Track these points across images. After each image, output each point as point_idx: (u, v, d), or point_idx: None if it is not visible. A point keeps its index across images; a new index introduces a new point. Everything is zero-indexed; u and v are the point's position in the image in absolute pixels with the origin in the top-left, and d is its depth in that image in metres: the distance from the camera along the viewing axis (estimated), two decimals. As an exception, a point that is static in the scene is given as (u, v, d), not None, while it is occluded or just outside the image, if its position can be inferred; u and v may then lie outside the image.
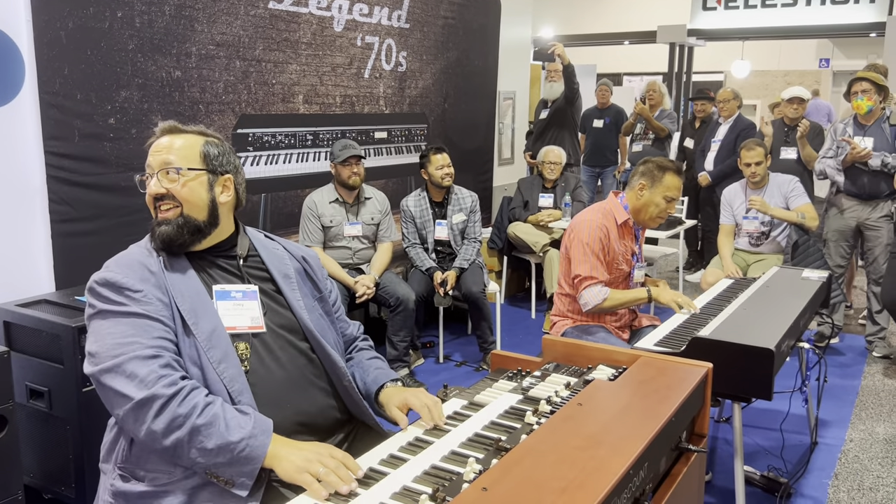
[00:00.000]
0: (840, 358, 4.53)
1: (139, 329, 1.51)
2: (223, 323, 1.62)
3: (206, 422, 1.45)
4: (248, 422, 1.49)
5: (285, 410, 1.64)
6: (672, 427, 1.62)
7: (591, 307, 2.96)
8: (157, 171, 1.67)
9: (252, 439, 1.46)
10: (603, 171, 7.11)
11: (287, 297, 1.76)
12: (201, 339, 1.57)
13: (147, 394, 1.44)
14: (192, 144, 1.71)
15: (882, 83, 4.30)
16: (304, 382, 1.70)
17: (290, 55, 3.98)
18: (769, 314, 2.68)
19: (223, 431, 1.45)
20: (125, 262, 1.62)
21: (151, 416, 1.44)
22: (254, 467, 1.45)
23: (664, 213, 3.01)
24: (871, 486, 3.01)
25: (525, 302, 5.59)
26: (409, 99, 4.96)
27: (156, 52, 3.27)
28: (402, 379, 3.91)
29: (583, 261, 2.94)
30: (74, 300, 2.73)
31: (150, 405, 1.44)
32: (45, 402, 2.57)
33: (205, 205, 1.68)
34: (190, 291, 1.62)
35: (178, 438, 1.44)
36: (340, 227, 3.92)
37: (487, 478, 1.29)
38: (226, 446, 1.44)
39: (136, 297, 1.54)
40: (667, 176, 2.95)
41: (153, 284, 1.58)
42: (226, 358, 1.58)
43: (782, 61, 14.07)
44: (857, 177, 4.37)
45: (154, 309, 1.55)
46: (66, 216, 2.97)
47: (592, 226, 2.96)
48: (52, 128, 2.89)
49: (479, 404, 1.77)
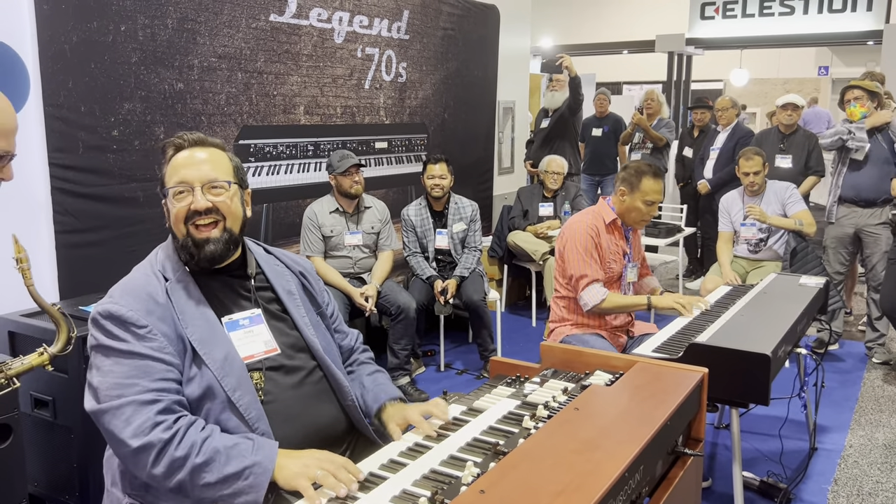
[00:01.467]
0: (840, 364, 4.54)
1: (140, 370, 1.49)
2: (239, 353, 1.62)
3: (206, 459, 1.45)
4: (248, 449, 1.48)
5: (297, 425, 1.66)
6: (668, 431, 1.64)
7: (590, 307, 3.02)
8: (200, 185, 1.61)
9: (255, 467, 1.45)
10: (602, 179, 7.14)
11: (293, 316, 1.77)
12: (215, 369, 1.56)
13: (143, 442, 1.44)
14: (222, 158, 1.69)
15: (874, 89, 4.34)
16: (315, 398, 1.72)
17: (291, 67, 4.02)
18: (766, 320, 2.70)
19: (223, 466, 1.44)
20: (131, 292, 1.58)
21: (150, 462, 1.44)
22: (258, 495, 1.44)
23: (647, 217, 3.08)
24: (871, 491, 3.02)
25: (525, 310, 5.62)
26: (410, 109, 5.00)
27: (158, 65, 3.31)
28: (404, 387, 3.95)
29: (577, 261, 3.01)
30: (79, 310, 2.75)
31: (148, 452, 1.44)
32: (49, 412, 2.59)
33: (241, 219, 1.69)
34: (200, 320, 1.60)
35: (180, 480, 1.44)
36: (341, 236, 3.95)
37: (485, 481, 1.32)
38: (227, 479, 1.44)
39: (140, 332, 1.52)
40: (644, 180, 3.01)
41: (158, 317, 1.55)
42: (240, 385, 1.58)
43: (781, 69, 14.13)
44: (855, 183, 4.40)
45: (158, 346, 1.53)
46: (70, 227, 3.00)
47: (583, 226, 3.05)
48: (56, 140, 2.93)
49: (477, 410, 1.80)
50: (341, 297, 3.83)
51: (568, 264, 3.06)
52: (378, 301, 3.91)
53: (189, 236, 1.62)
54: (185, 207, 1.61)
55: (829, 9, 9.64)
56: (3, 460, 2.27)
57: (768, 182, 4.42)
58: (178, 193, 1.62)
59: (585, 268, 3.00)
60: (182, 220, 1.62)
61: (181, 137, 1.67)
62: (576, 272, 3.02)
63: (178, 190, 1.62)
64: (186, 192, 1.62)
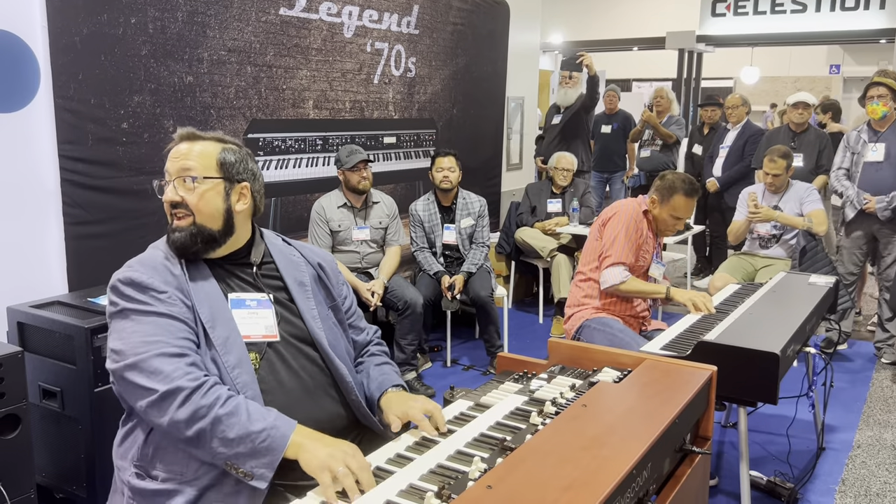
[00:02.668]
0: (848, 364, 4.52)
1: (164, 329, 1.54)
2: (239, 331, 1.65)
3: (229, 411, 1.47)
4: (270, 414, 1.51)
5: (295, 418, 1.63)
6: (676, 429, 1.63)
7: (607, 286, 3.05)
8: (174, 179, 1.68)
9: (274, 430, 1.48)
10: (611, 176, 7.12)
11: (299, 306, 1.77)
12: (217, 345, 1.60)
13: (171, 386, 1.47)
14: (210, 152, 1.72)
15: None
16: (315, 391, 1.72)
17: (300, 61, 4.02)
18: (775, 319, 2.69)
19: (245, 421, 1.47)
20: (149, 263, 1.64)
21: (175, 406, 1.47)
22: (273, 458, 1.46)
23: (672, 230, 3.15)
24: (879, 491, 3.01)
25: (532, 307, 5.61)
26: (419, 104, 4.99)
27: (168, 58, 3.31)
28: (410, 382, 3.95)
29: (614, 240, 3.05)
30: (87, 302, 2.76)
31: (175, 396, 1.47)
32: (57, 403, 2.61)
33: (220, 214, 1.69)
34: (209, 298, 1.65)
35: (200, 428, 1.46)
36: (349, 231, 3.95)
37: (492, 476, 1.31)
38: (247, 436, 1.46)
39: (161, 297, 1.57)
40: (676, 197, 3.06)
41: (176, 287, 1.61)
42: (240, 364, 1.61)
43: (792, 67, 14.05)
44: (873, 183, 4.37)
45: (179, 311, 1.58)
46: (79, 219, 3.01)
47: (633, 213, 3.09)
48: (66, 132, 2.94)
49: (485, 405, 1.79)
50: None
51: (605, 240, 3.09)
52: (385, 296, 3.91)
53: (170, 224, 1.70)
54: (166, 199, 1.70)
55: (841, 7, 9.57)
56: (11, 451, 2.28)
57: (792, 182, 4.41)
58: (163, 184, 1.71)
59: (618, 248, 3.03)
60: (168, 210, 1.70)
61: (178, 133, 1.75)
62: (607, 250, 3.06)
63: (163, 181, 1.72)
64: (167, 183, 1.70)
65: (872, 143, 4.36)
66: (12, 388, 2.29)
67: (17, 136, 2.84)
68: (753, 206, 4.28)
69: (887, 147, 4.31)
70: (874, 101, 4.29)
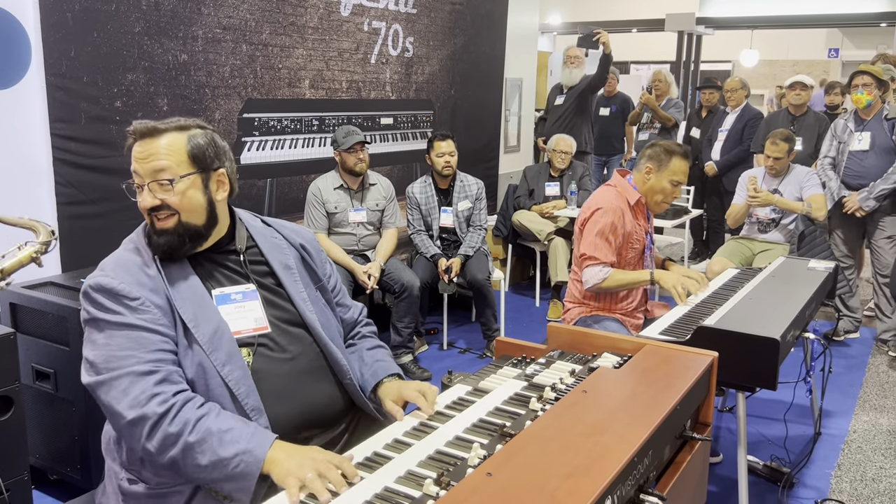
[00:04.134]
0: (845, 349, 4.52)
1: (135, 342, 1.47)
2: (228, 326, 1.59)
3: (199, 439, 1.41)
4: (244, 434, 1.43)
5: (292, 404, 1.62)
6: (676, 416, 1.62)
7: (590, 285, 2.96)
8: (147, 182, 1.56)
9: (246, 454, 1.41)
10: (609, 159, 7.08)
11: (289, 291, 1.72)
12: (204, 343, 1.53)
13: (137, 414, 1.41)
14: (178, 145, 1.59)
15: (883, 78, 4.28)
16: (311, 375, 1.68)
17: (296, 39, 3.97)
18: (775, 304, 2.67)
19: (216, 447, 1.41)
20: (122, 265, 1.55)
21: (144, 435, 1.42)
22: (249, 483, 1.41)
23: (669, 198, 3.02)
24: (874, 476, 3.01)
25: (529, 290, 5.59)
26: (416, 85, 4.94)
27: (162, 36, 3.26)
28: (406, 365, 3.93)
29: (590, 241, 2.96)
30: (80, 283, 2.72)
31: (143, 425, 1.42)
32: (50, 384, 2.58)
33: (202, 208, 1.60)
34: (189, 294, 1.57)
35: (172, 457, 1.42)
36: (345, 213, 3.92)
37: (492, 463, 1.30)
38: (219, 462, 1.41)
39: (133, 304, 1.49)
40: (674, 160, 2.95)
41: (150, 289, 1.52)
42: (230, 360, 1.55)
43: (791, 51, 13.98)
44: (859, 170, 4.36)
45: (152, 318, 1.50)
46: (72, 198, 2.97)
47: (609, 208, 2.97)
48: (58, 110, 2.89)
49: (483, 390, 1.77)
50: (345, 273, 3.81)
51: (583, 242, 3.00)
52: (382, 279, 3.89)
53: (152, 226, 1.59)
54: (142, 205, 1.58)
55: (841, -11, 9.51)
56: (4, 432, 2.26)
57: (793, 166, 4.39)
58: (134, 187, 1.60)
59: (595, 250, 2.94)
60: (145, 212, 1.59)
61: (133, 129, 1.60)
62: (586, 251, 2.97)
63: (134, 184, 1.60)
64: (140, 188, 1.59)
65: (858, 131, 4.35)
66: (5, 369, 2.26)
67: (7, 113, 2.79)
68: (753, 189, 4.25)
69: (872, 136, 4.31)
70: (858, 90, 4.30)
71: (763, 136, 4.78)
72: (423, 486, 1.29)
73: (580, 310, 3.10)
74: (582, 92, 6.00)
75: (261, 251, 1.74)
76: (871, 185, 4.28)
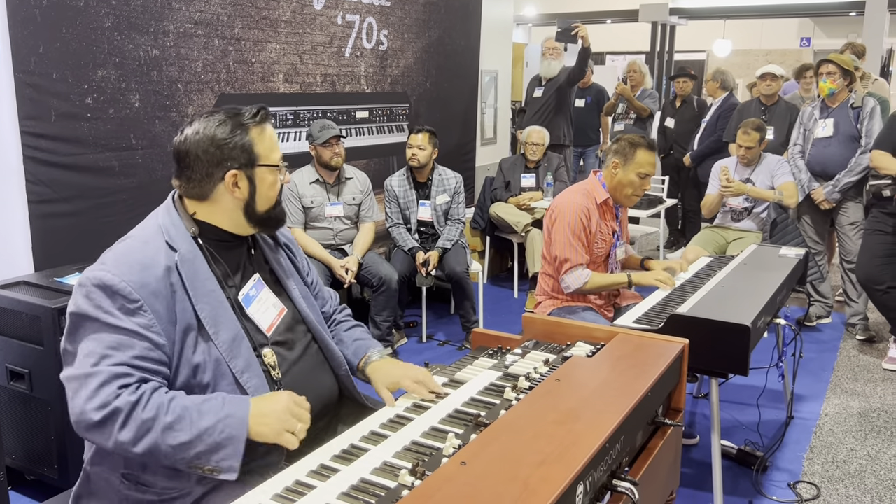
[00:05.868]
0: (817, 335, 4.60)
1: (120, 344, 1.43)
2: (262, 326, 1.63)
3: (177, 416, 1.41)
4: (219, 405, 1.45)
5: (310, 397, 1.63)
6: (648, 402, 1.65)
7: (572, 290, 3.02)
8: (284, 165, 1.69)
9: (229, 418, 1.43)
10: (585, 150, 7.12)
11: (287, 288, 1.76)
12: (223, 350, 1.53)
13: (107, 411, 1.38)
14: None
15: (849, 67, 4.35)
16: (316, 369, 1.74)
17: (269, 34, 3.94)
18: (746, 291, 2.72)
19: (197, 420, 1.41)
20: (127, 261, 1.49)
21: (117, 429, 1.38)
22: (237, 446, 1.42)
23: (639, 191, 3.03)
24: (845, 458, 3.08)
25: (507, 281, 5.62)
26: (391, 78, 4.93)
27: (133, 31, 3.22)
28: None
29: (564, 244, 2.97)
30: (54, 281, 2.71)
31: (115, 419, 1.38)
32: (25, 384, 2.56)
33: None
34: (209, 297, 1.55)
35: (150, 442, 1.39)
36: (322, 207, 3.91)
37: (466, 452, 1.31)
38: (203, 433, 1.40)
39: (130, 307, 1.44)
40: (638, 152, 2.98)
41: (152, 291, 1.47)
42: (248, 367, 1.56)
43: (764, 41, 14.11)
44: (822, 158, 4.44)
45: (145, 323, 1.45)
46: (43, 197, 2.94)
47: (574, 208, 2.98)
48: (27, 107, 2.85)
49: (459, 381, 1.79)
50: (322, 268, 3.81)
51: (554, 245, 3.01)
52: (360, 273, 3.89)
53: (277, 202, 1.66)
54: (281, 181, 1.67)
55: (812, -21, 9.62)
56: (-22, 434, 2.24)
57: (765, 155, 4.45)
58: (280, 169, 1.66)
59: (570, 252, 2.96)
60: (279, 190, 1.67)
61: (263, 107, 1.65)
62: (560, 255, 2.98)
63: (283, 166, 1.66)
64: (281, 170, 1.66)
65: (823, 118, 4.43)
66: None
67: (-25, 111, 2.75)
68: (725, 180, 4.31)
69: (836, 123, 4.39)
70: (823, 79, 4.39)
71: (735, 126, 4.84)
72: (399, 476, 1.31)
73: (552, 302, 3.13)
74: (560, 85, 6.02)
75: (262, 250, 1.77)
76: (836, 179, 4.36)
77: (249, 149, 1.59)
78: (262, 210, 1.63)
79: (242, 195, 1.60)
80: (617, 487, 1.41)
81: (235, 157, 1.58)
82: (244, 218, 1.63)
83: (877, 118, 4.32)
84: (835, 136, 4.40)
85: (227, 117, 1.59)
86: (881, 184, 3.93)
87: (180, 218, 1.60)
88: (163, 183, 3.44)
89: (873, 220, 4.02)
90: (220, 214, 1.62)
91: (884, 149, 3.94)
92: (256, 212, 1.63)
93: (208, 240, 1.61)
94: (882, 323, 4.48)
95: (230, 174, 1.58)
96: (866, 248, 4.02)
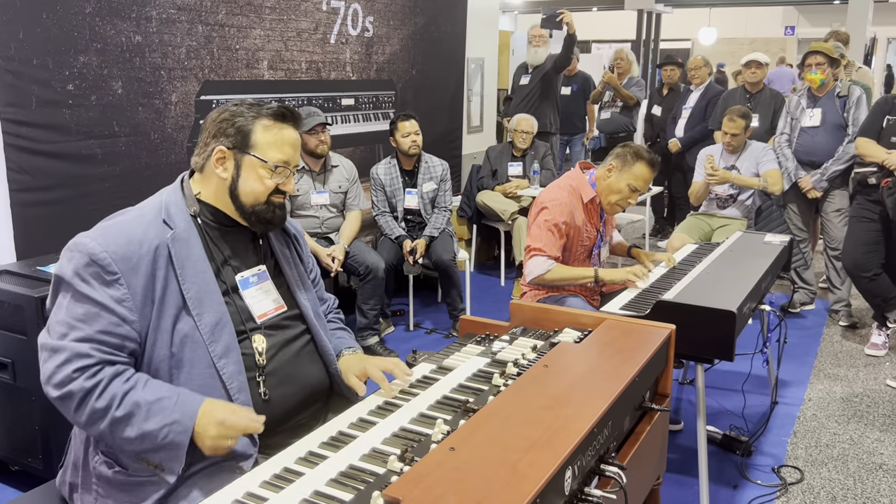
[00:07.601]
0: (801, 321, 4.64)
1: (84, 316, 1.44)
2: (254, 312, 1.63)
3: (126, 413, 1.43)
4: (170, 405, 1.45)
5: (294, 387, 1.67)
6: (635, 387, 1.65)
7: (532, 277, 2.90)
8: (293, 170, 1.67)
9: (174, 425, 1.44)
10: (571, 138, 7.12)
11: (288, 278, 1.76)
12: (204, 333, 1.52)
13: (64, 391, 1.43)
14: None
15: (834, 56, 4.37)
16: (306, 359, 1.74)
17: (253, 20, 3.90)
18: (731, 278, 2.73)
19: (142, 422, 1.43)
20: (115, 232, 1.50)
21: (73, 409, 1.44)
22: (178, 453, 1.44)
23: (624, 203, 2.93)
24: (828, 443, 3.12)
25: (494, 269, 5.63)
26: (377, 65, 4.90)
27: (114, 16, 3.18)
28: (373, 347, 3.94)
29: (538, 234, 2.90)
30: (36, 270, 2.68)
31: (71, 400, 1.43)
32: (9, 374, 2.54)
33: None
34: (197, 278, 1.55)
35: (101, 430, 1.44)
36: (307, 195, 3.89)
37: (455, 438, 1.31)
38: (147, 435, 1.43)
39: (106, 278, 1.45)
40: (638, 164, 2.87)
41: (133, 266, 1.47)
42: (227, 353, 1.55)
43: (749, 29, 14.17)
44: (809, 147, 4.46)
45: (118, 297, 1.46)
46: (25, 185, 2.90)
47: (559, 204, 2.91)
48: (8, 94, 2.81)
49: (447, 368, 1.79)
50: (309, 256, 3.79)
51: (531, 232, 2.96)
52: (346, 261, 3.88)
53: (269, 203, 1.63)
54: (275, 184, 1.63)
55: (797, -33, 9.64)
56: (-39, 424, 2.22)
57: (750, 142, 4.46)
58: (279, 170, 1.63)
59: (541, 241, 2.88)
60: (268, 192, 1.63)
61: (292, 111, 1.67)
62: (532, 242, 2.93)
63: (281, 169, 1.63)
64: (283, 172, 1.63)
65: (810, 108, 4.45)
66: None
67: (-46, 98, 2.71)
68: (710, 168, 4.32)
69: (824, 112, 4.41)
70: (812, 70, 4.39)
71: (721, 114, 4.85)
72: (388, 462, 1.31)
73: (535, 293, 3.12)
74: (546, 73, 6.01)
75: (268, 237, 1.77)
76: (824, 167, 4.38)
77: (247, 134, 1.60)
78: (247, 204, 1.62)
79: (226, 176, 1.61)
80: (605, 472, 1.42)
81: (230, 136, 1.60)
82: (231, 203, 1.63)
83: (863, 107, 4.34)
84: (822, 126, 4.42)
85: (253, 104, 1.65)
86: (866, 171, 3.95)
87: (183, 196, 1.61)
88: (147, 171, 3.40)
89: (859, 207, 4.05)
90: (214, 193, 1.63)
91: (868, 136, 3.97)
92: (241, 202, 1.62)
93: (208, 222, 1.62)
94: (865, 309, 4.53)
95: (218, 149, 1.60)
96: (853, 235, 4.05)
